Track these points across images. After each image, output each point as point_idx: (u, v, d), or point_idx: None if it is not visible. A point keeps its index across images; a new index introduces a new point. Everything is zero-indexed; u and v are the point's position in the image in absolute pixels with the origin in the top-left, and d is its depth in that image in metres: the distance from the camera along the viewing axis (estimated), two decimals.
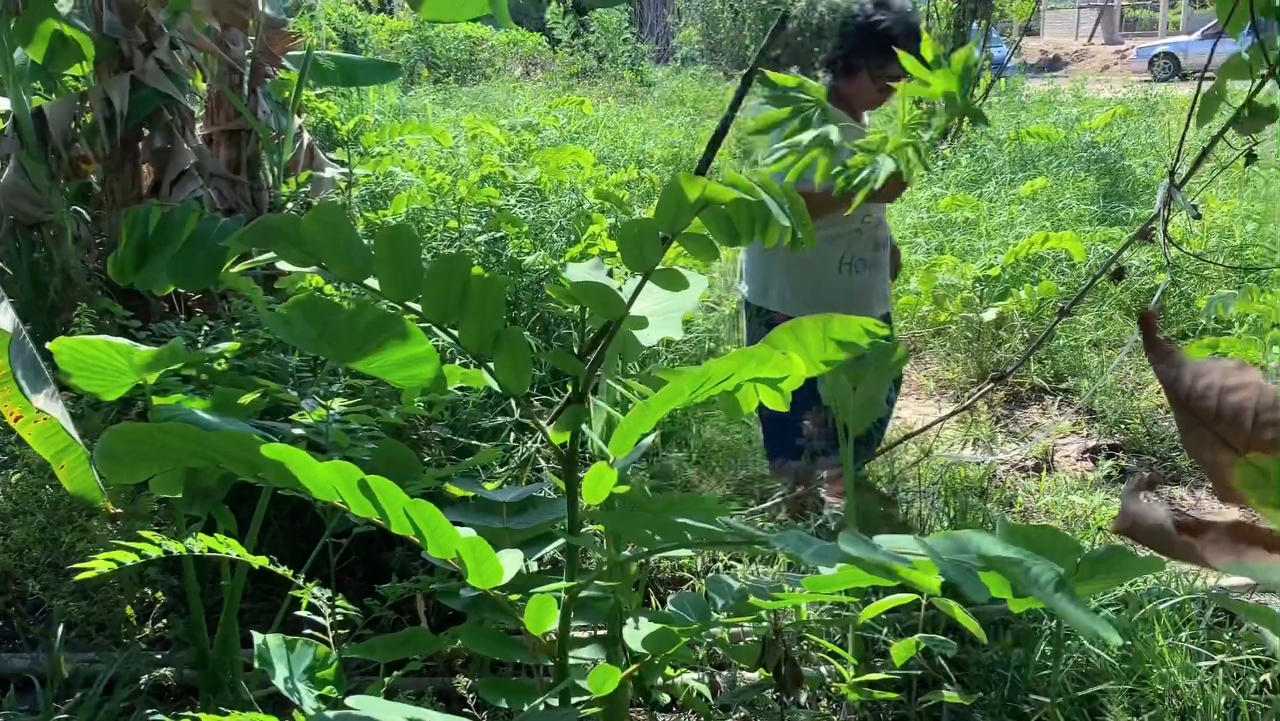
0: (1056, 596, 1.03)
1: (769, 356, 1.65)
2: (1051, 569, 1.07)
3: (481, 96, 9.58)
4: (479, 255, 4.15)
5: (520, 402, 1.43)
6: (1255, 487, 0.51)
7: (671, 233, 1.37)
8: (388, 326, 1.39)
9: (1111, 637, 1.10)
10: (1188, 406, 0.52)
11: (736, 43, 15.92)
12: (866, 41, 2.73)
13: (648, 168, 6.53)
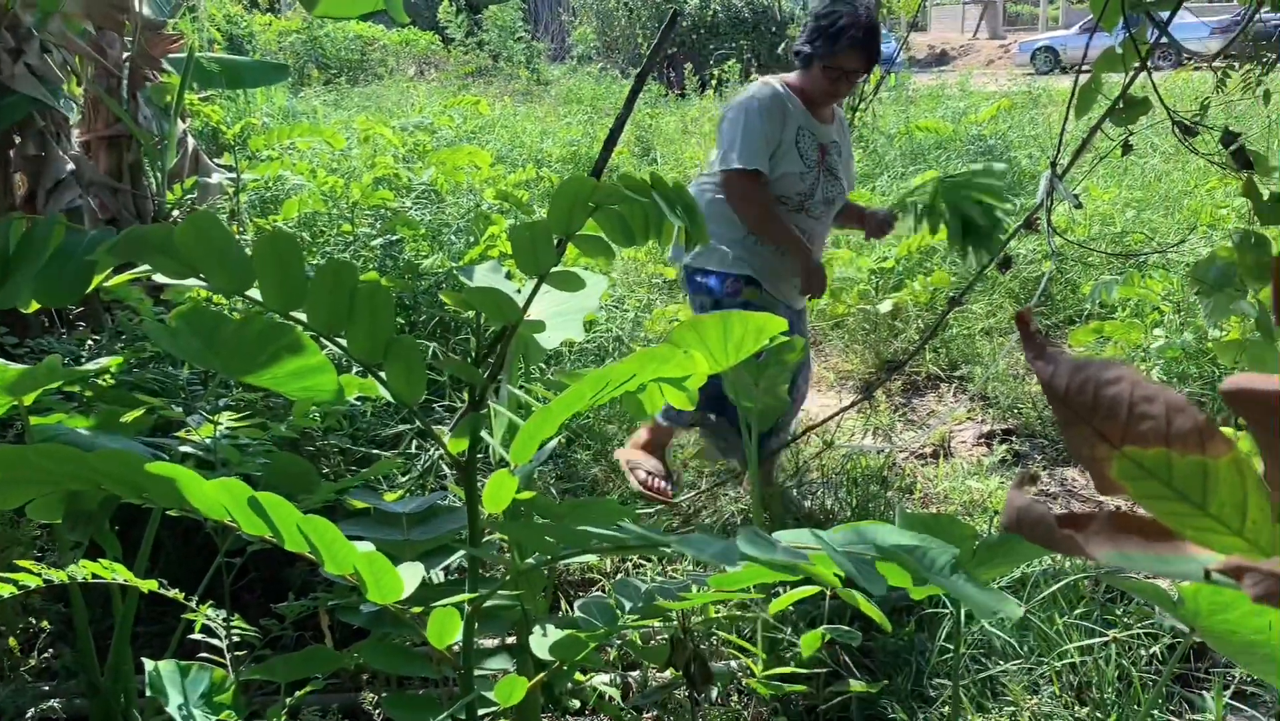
0: (953, 579, 1.05)
1: (671, 355, 1.64)
2: (947, 552, 1.09)
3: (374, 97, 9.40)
4: (375, 259, 4.07)
5: (416, 412, 1.40)
6: (1132, 479, 0.52)
7: (566, 234, 1.36)
8: (278, 337, 1.34)
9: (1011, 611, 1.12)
10: (1066, 402, 0.53)
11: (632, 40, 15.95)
12: (817, 35, 2.84)
13: (546, 167, 6.49)
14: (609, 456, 3.21)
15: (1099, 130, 2.77)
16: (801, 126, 2.92)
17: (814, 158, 2.93)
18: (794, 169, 2.87)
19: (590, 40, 15.01)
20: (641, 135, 9.00)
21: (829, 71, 2.85)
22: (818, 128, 2.96)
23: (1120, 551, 0.57)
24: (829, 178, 2.97)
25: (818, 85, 2.89)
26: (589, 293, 1.95)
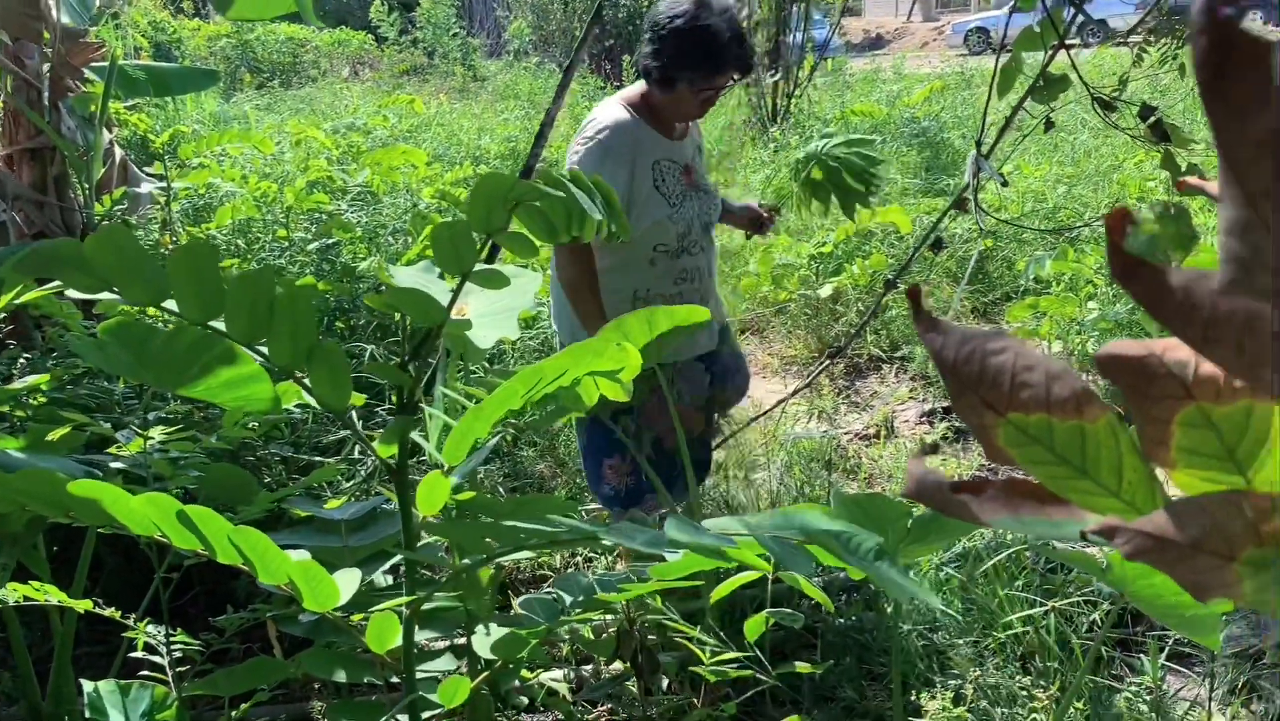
0: (876, 565, 1.06)
1: (604, 349, 1.65)
2: (872, 538, 1.10)
3: (308, 100, 9.27)
4: (311, 263, 4.02)
5: (344, 418, 1.38)
6: (1018, 446, 0.53)
7: (487, 232, 1.35)
8: (209, 347, 1.32)
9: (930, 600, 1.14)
10: (953, 373, 0.53)
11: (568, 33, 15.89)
12: (691, 50, 2.37)
13: (484, 164, 6.45)
14: (555, 452, 3.21)
15: (1023, 109, 2.82)
16: (659, 159, 2.47)
17: (680, 188, 2.49)
18: (659, 213, 2.44)
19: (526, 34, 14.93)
20: None
21: (703, 93, 2.42)
22: (675, 150, 2.51)
23: (1014, 516, 0.58)
24: (701, 198, 2.55)
25: (686, 108, 2.47)
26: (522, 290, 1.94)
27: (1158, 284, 0.31)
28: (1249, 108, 0.25)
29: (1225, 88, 0.25)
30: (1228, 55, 0.25)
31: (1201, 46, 0.26)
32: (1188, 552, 0.46)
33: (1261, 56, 0.25)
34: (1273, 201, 0.25)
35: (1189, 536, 0.46)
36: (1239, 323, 0.28)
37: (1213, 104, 0.26)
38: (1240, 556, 0.46)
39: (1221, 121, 0.26)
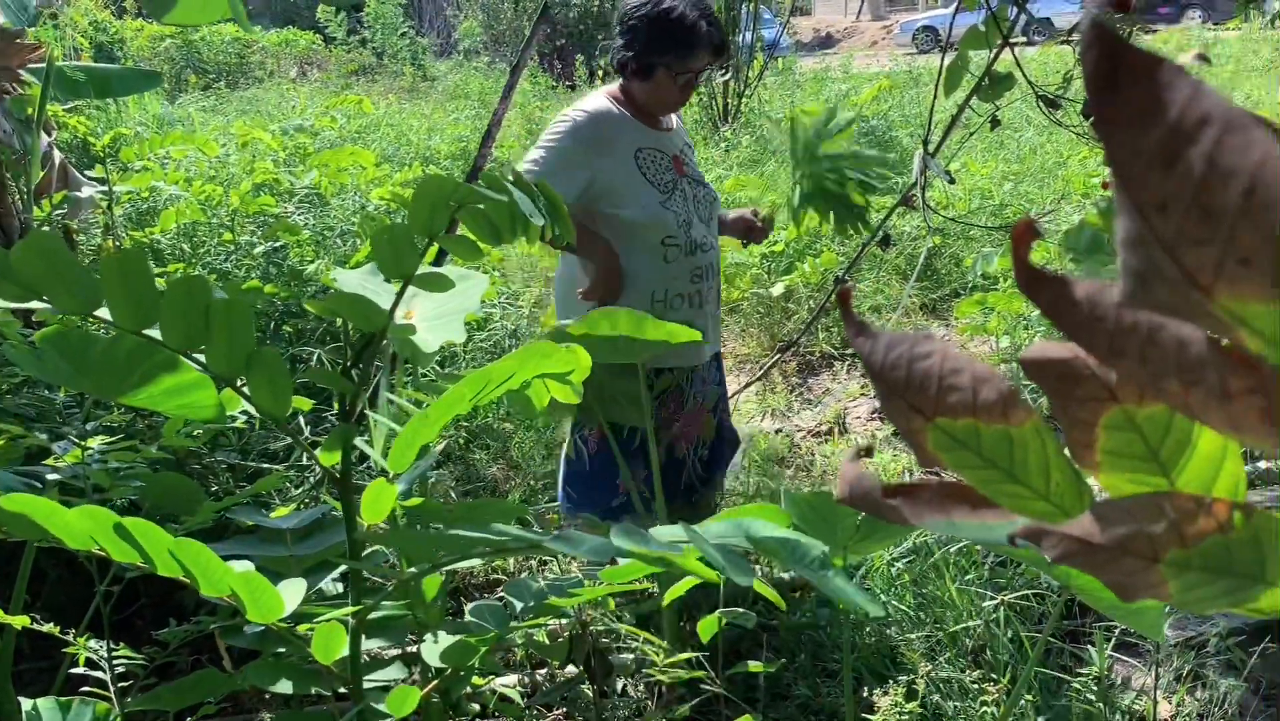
0: (821, 573, 1.07)
1: (552, 351, 1.64)
2: (818, 546, 1.11)
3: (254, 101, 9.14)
4: (258, 267, 3.97)
5: (284, 426, 1.36)
6: (946, 450, 0.53)
7: (429, 235, 1.34)
8: (150, 354, 1.29)
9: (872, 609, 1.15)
10: (881, 377, 0.53)
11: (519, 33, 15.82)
12: (663, 35, 2.37)
13: (434, 164, 6.40)
14: (507, 455, 3.19)
15: (969, 107, 2.85)
16: (642, 147, 2.45)
17: (670, 177, 2.46)
18: (650, 199, 2.41)
19: (477, 34, 14.85)
20: (532, 129, 8.94)
21: (681, 78, 2.42)
22: (661, 140, 2.51)
23: (948, 519, 0.59)
24: (695, 188, 2.53)
25: (667, 95, 2.45)
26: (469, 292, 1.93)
27: (1062, 295, 0.31)
28: (1139, 121, 0.25)
29: (1115, 101, 0.25)
30: (1117, 69, 0.25)
31: (1091, 60, 0.25)
32: (1113, 555, 0.46)
33: (1150, 70, 0.25)
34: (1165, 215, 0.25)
35: (1113, 539, 0.46)
36: (1142, 334, 0.28)
37: (1103, 118, 0.26)
38: (1164, 557, 0.46)
39: (1112, 135, 0.26)
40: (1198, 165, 0.24)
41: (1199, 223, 0.25)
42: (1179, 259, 0.26)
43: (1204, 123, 0.24)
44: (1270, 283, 0.24)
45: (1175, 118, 0.25)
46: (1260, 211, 0.23)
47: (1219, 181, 0.24)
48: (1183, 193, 0.25)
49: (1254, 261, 0.24)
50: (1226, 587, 0.47)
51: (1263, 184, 0.23)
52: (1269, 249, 0.24)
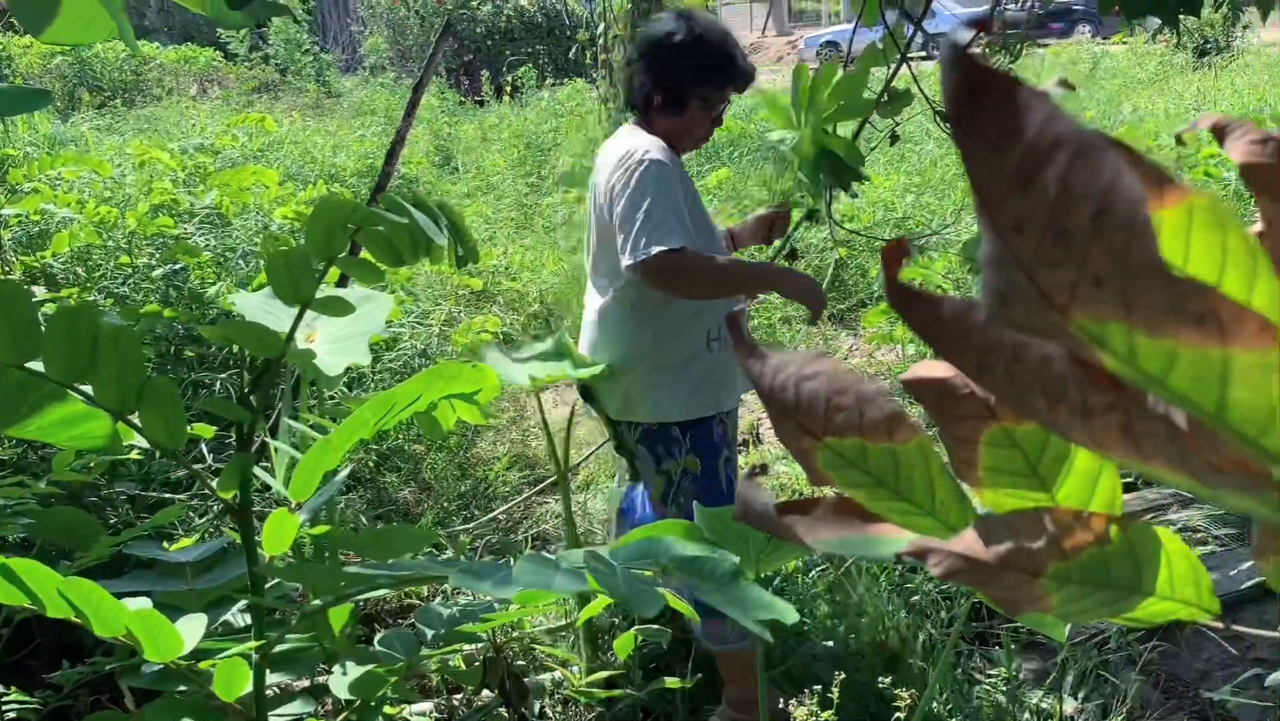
0: (731, 587, 1.07)
1: (459, 371, 1.62)
2: (729, 560, 1.11)
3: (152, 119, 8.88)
4: (157, 290, 3.85)
5: (179, 458, 1.31)
6: (835, 469, 0.53)
7: (327, 259, 1.30)
8: (39, 385, 1.24)
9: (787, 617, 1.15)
10: (771, 398, 0.53)
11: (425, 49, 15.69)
12: (700, 64, 2.20)
13: (339, 182, 6.30)
14: (420, 477, 3.14)
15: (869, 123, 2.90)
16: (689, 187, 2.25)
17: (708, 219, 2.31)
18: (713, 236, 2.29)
19: (383, 50, 14.68)
20: (441, 145, 8.86)
21: (715, 108, 2.26)
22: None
23: (841, 536, 0.59)
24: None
25: (698, 128, 2.28)
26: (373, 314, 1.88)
27: (931, 313, 0.31)
28: (998, 143, 0.25)
29: (975, 124, 0.25)
30: (977, 91, 0.25)
31: (952, 82, 0.25)
32: (996, 570, 0.47)
33: (1008, 92, 0.25)
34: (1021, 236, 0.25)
35: (996, 554, 0.47)
36: (1007, 351, 0.28)
37: (963, 140, 0.25)
38: (1046, 572, 0.47)
39: (972, 157, 0.26)
40: (1051, 187, 0.24)
41: (1053, 244, 0.25)
42: (1036, 279, 0.26)
43: (1057, 145, 0.24)
44: (1122, 303, 0.24)
45: (1031, 140, 0.25)
46: (1110, 233, 0.24)
47: (1071, 203, 0.24)
48: (1038, 214, 0.25)
49: (1106, 282, 0.24)
50: (1106, 599, 0.47)
51: (1112, 206, 0.23)
52: (1120, 270, 0.24)
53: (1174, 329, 0.23)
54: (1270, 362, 0.23)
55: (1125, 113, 9.03)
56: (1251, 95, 9.13)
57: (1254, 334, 0.23)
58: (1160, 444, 0.27)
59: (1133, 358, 0.25)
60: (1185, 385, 0.25)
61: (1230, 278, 0.46)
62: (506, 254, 5.53)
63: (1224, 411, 0.25)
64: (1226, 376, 0.24)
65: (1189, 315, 0.23)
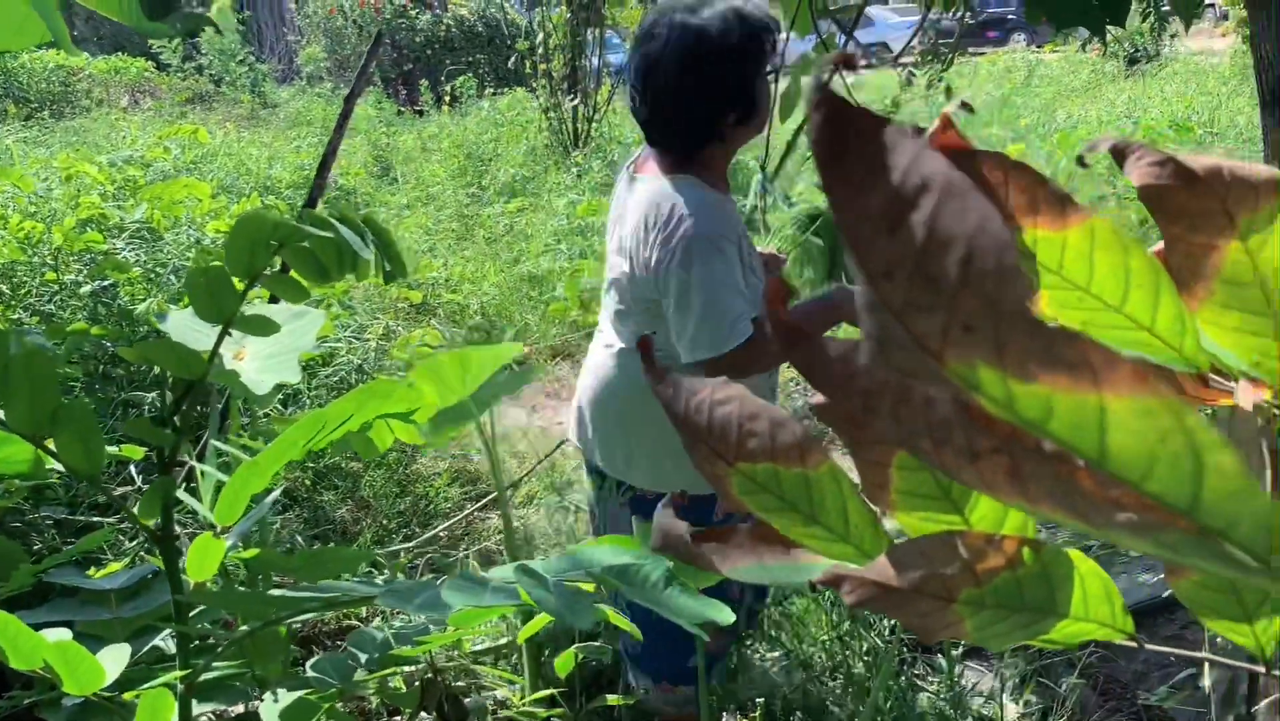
0: (663, 593, 1.06)
1: (392, 390, 1.58)
2: (660, 566, 1.10)
3: (81, 132, 8.67)
4: (85, 307, 3.75)
5: (98, 484, 1.27)
6: (749, 494, 0.52)
7: (248, 276, 1.27)
8: None
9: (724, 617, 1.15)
10: (684, 424, 0.52)
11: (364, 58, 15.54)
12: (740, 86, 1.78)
13: (275, 194, 6.20)
14: (358, 495, 3.09)
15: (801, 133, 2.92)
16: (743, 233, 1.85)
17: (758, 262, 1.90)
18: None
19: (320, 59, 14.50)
20: (380, 155, 8.77)
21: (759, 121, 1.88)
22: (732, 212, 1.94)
23: (760, 562, 0.58)
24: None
25: (729, 156, 1.91)
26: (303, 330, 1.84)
27: (817, 354, 0.30)
28: (864, 186, 0.24)
29: (841, 165, 0.25)
30: (843, 132, 0.24)
31: (816, 123, 0.25)
32: (909, 597, 0.46)
33: (874, 133, 0.24)
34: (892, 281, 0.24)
35: (909, 581, 0.46)
36: (892, 393, 0.28)
37: (830, 182, 0.25)
38: (959, 597, 0.46)
39: (839, 199, 0.25)
40: (918, 232, 0.24)
41: (923, 289, 0.24)
42: (908, 325, 0.25)
43: (924, 188, 0.24)
44: (995, 349, 0.24)
45: (897, 182, 0.24)
46: (978, 279, 0.23)
47: (938, 248, 0.23)
48: (906, 259, 0.24)
49: (977, 328, 0.24)
50: (1020, 622, 0.47)
51: (979, 251, 0.23)
52: (991, 316, 0.23)
53: (1048, 376, 0.23)
54: (1147, 409, 0.23)
55: (1060, 120, 9.22)
56: (1179, 102, 9.37)
57: (1127, 381, 0.22)
58: (1047, 487, 0.27)
59: (1010, 404, 0.25)
60: (1065, 431, 0.24)
61: (1134, 298, 0.46)
62: (447, 265, 5.48)
63: (1105, 457, 0.24)
64: (1104, 423, 0.23)
65: (1061, 363, 0.22)
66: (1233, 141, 7.25)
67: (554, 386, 4.59)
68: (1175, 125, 7.58)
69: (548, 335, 4.95)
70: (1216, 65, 12.58)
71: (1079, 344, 0.22)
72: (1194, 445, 0.23)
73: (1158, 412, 0.22)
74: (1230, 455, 0.23)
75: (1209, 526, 0.24)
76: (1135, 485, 0.25)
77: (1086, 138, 7.50)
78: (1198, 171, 0.38)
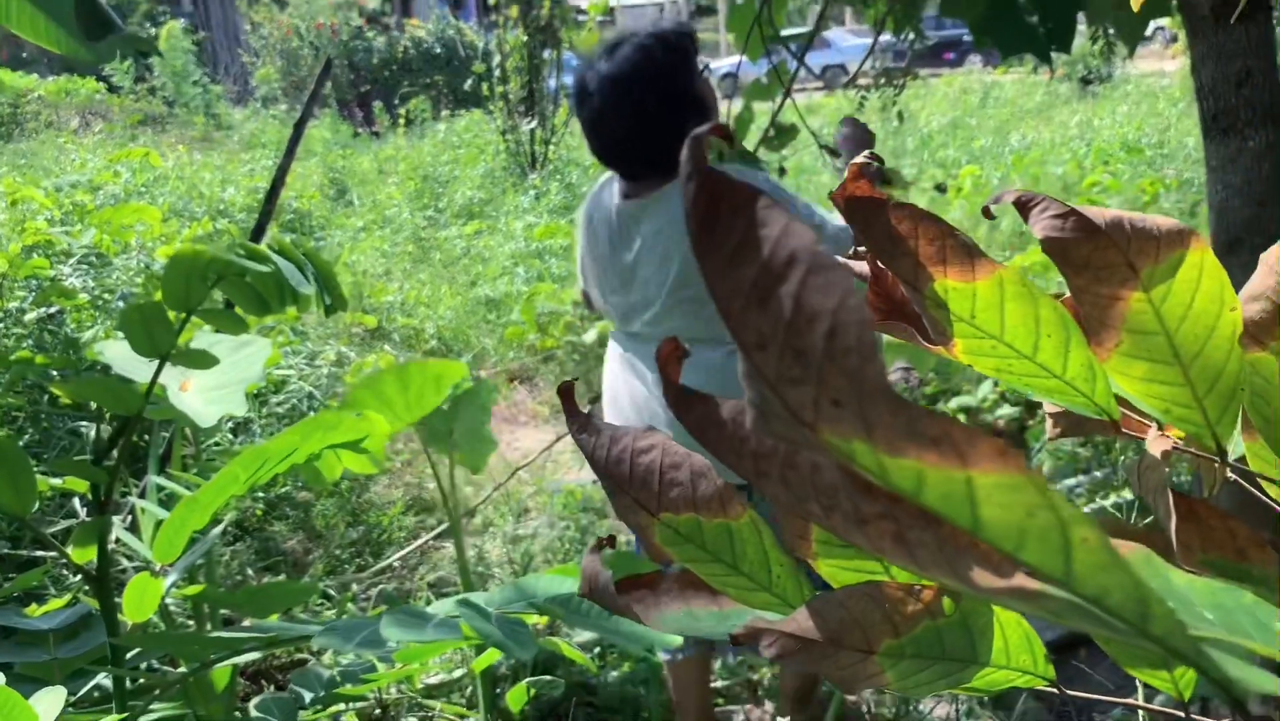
0: (609, 621, 1.05)
1: (339, 421, 1.57)
2: None
3: (29, 154, 8.54)
4: (30, 334, 3.68)
5: (29, 524, 1.24)
6: (673, 545, 0.51)
7: (186, 310, 1.25)
8: None
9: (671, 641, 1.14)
10: (606, 474, 0.51)
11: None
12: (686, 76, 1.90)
13: (227, 217, 6.13)
14: (309, 525, 3.05)
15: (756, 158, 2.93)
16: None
17: None
18: None
19: (275, 81, 14.40)
20: (335, 177, 8.71)
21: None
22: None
23: (688, 609, 0.57)
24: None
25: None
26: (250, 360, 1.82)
27: (707, 416, 0.29)
28: (736, 258, 0.24)
29: (714, 237, 0.24)
30: (715, 204, 0.24)
31: (690, 195, 0.24)
32: (830, 649, 0.46)
33: (746, 206, 0.24)
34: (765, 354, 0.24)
35: (829, 633, 0.46)
36: (780, 458, 0.27)
37: (703, 254, 0.24)
38: (879, 648, 0.46)
39: (713, 272, 0.24)
40: (786, 305, 0.23)
41: (793, 362, 0.24)
42: (783, 397, 0.24)
43: (791, 262, 0.23)
44: (862, 423, 0.23)
45: (767, 256, 0.24)
46: (843, 355, 0.23)
47: (805, 323, 0.23)
48: (777, 331, 0.24)
49: (844, 403, 0.23)
50: (942, 671, 0.47)
51: (842, 326, 0.23)
52: (856, 392, 0.23)
53: (914, 452, 0.23)
54: (1012, 484, 0.22)
55: (1014, 141, 9.36)
56: (1130, 124, 9.56)
57: (990, 457, 0.22)
58: (931, 552, 0.26)
59: (884, 475, 0.24)
60: (938, 502, 0.24)
61: (1045, 347, 0.46)
62: (402, 289, 5.45)
63: (979, 528, 0.24)
64: (973, 497, 0.23)
65: (926, 439, 0.22)
66: (1181, 163, 7.40)
67: (511, 411, 4.56)
68: (1127, 146, 7.73)
69: (505, 359, 4.93)
70: (1166, 87, 12.85)
71: (939, 422, 0.22)
72: (1060, 520, 0.22)
73: (1023, 488, 0.22)
74: (1094, 529, 0.22)
75: (1084, 595, 0.24)
76: (1010, 555, 0.25)
77: (1040, 159, 7.63)
78: (1100, 224, 0.38)
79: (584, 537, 3.21)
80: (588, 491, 3.56)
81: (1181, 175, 6.72)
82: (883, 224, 0.43)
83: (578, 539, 3.20)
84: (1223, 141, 1.64)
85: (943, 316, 0.44)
